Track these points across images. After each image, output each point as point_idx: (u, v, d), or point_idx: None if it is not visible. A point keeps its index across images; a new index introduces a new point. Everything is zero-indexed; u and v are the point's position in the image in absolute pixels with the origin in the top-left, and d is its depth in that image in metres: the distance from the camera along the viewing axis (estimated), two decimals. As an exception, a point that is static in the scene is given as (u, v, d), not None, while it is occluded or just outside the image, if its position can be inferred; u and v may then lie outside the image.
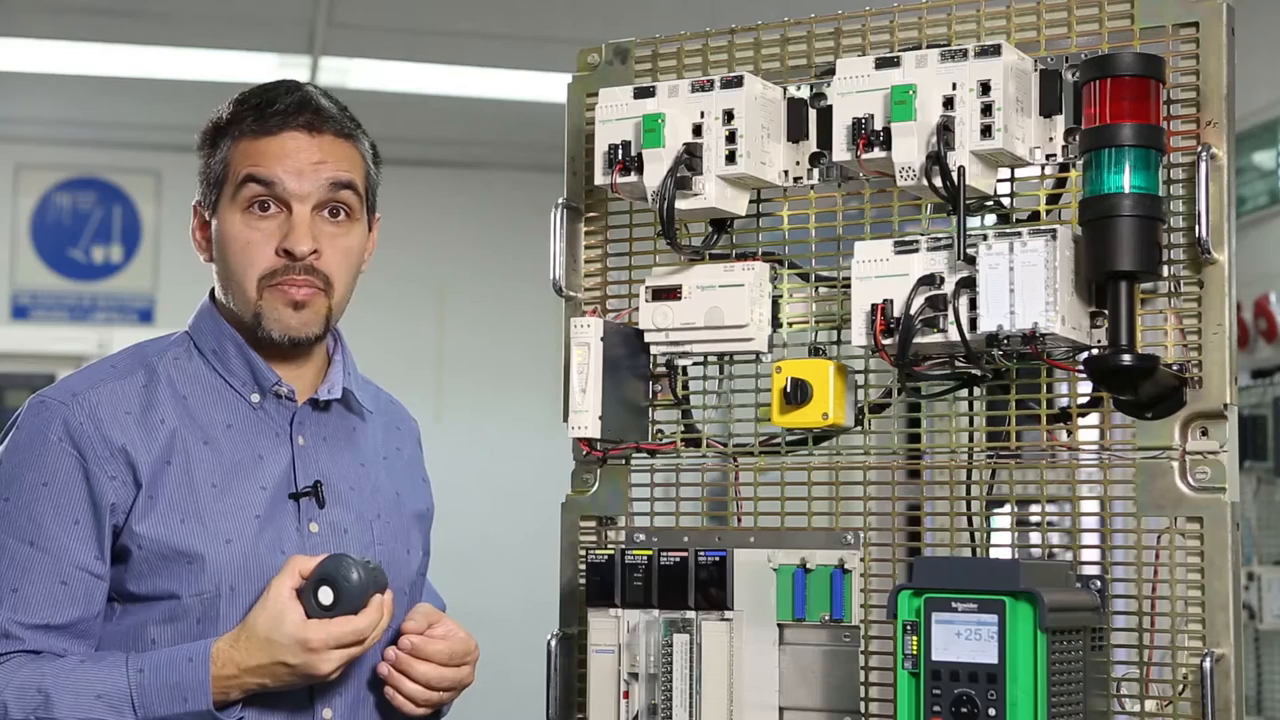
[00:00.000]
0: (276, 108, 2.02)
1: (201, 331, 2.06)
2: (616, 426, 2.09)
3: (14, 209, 7.50)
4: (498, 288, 7.37)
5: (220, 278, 2.06)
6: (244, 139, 2.02)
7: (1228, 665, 1.82)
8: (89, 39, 6.27)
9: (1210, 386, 1.86)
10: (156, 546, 1.93)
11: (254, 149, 2.01)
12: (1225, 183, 1.85)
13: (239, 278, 2.01)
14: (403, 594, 2.09)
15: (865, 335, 1.92)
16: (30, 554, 1.92)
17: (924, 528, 2.04)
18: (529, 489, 5.09)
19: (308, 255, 1.99)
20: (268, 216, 2.00)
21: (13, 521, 1.93)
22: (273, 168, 2.00)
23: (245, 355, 2.03)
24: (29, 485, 1.94)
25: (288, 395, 2.04)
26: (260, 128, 2.02)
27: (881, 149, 1.90)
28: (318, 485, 2.01)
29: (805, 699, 2.00)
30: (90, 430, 1.94)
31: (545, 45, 6.13)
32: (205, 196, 2.06)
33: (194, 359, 2.05)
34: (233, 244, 2.01)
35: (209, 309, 2.08)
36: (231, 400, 2.03)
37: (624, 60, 2.21)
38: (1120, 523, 1.92)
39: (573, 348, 2.07)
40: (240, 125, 2.03)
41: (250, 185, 2.00)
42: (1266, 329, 5.49)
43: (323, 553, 1.94)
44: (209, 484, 1.96)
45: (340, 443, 2.09)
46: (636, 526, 2.14)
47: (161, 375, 2.01)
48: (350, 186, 2.04)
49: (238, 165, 2.02)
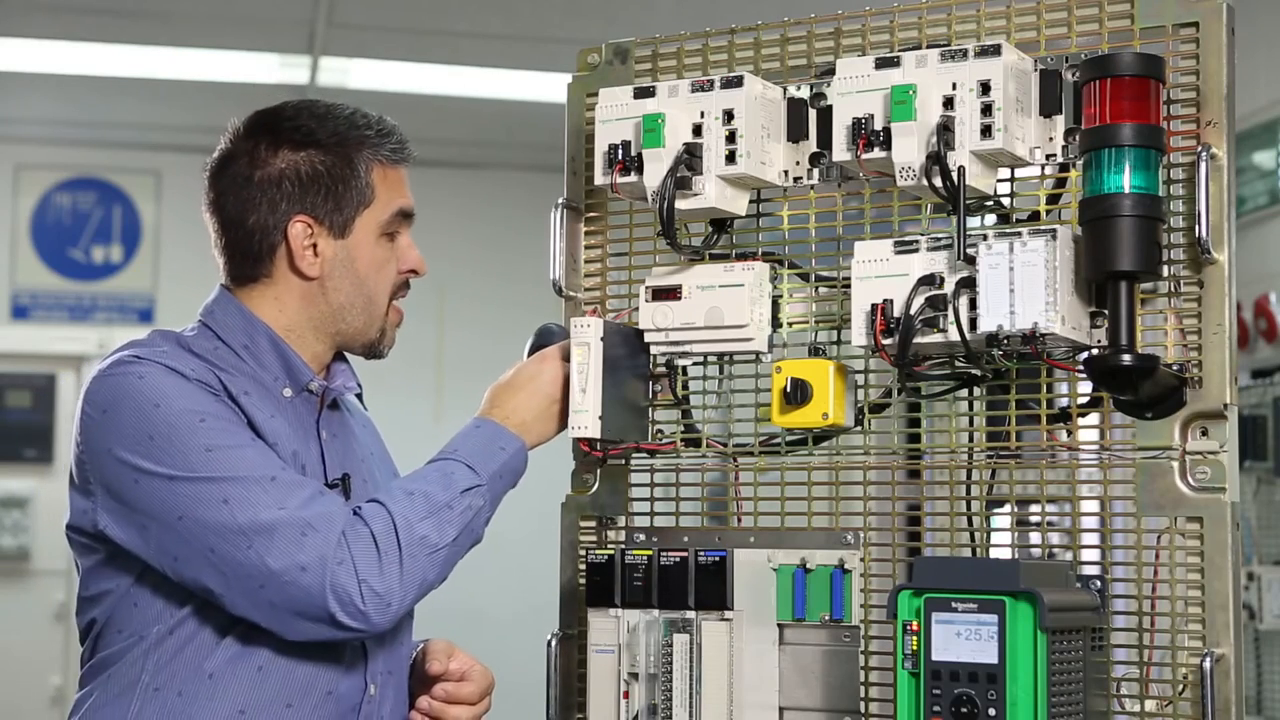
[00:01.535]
0: (398, 137, 2.10)
1: (228, 326, 2.06)
2: (616, 426, 2.09)
3: (14, 209, 7.50)
4: (498, 288, 7.37)
5: (337, 294, 2.06)
6: (384, 167, 2.08)
7: (1228, 665, 1.82)
8: (89, 39, 6.28)
9: (1210, 386, 1.86)
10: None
11: (395, 179, 2.10)
12: (1225, 183, 1.85)
13: (373, 295, 2.08)
14: None
15: (865, 335, 1.92)
16: (255, 449, 1.93)
17: (924, 528, 2.04)
18: (529, 489, 5.08)
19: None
20: (393, 242, 2.10)
21: (220, 447, 1.91)
22: (411, 201, 2.11)
23: (280, 350, 2.05)
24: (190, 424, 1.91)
25: (317, 391, 2.07)
26: (395, 157, 2.09)
27: (881, 149, 1.90)
28: (346, 478, 2.05)
29: (805, 699, 2.00)
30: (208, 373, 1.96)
31: (545, 45, 6.13)
32: (332, 215, 2.05)
33: (224, 350, 2.04)
34: (369, 264, 2.07)
35: (233, 303, 2.07)
36: (265, 393, 2.04)
37: (624, 60, 2.21)
38: (1120, 523, 1.92)
39: (573, 348, 2.07)
40: (376, 150, 2.07)
41: (401, 219, 2.10)
42: (1266, 329, 5.49)
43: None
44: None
45: (347, 438, 2.13)
46: (636, 526, 2.14)
47: (208, 359, 2.01)
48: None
49: (386, 195, 2.08)
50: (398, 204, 2.08)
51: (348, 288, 2.07)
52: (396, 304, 2.11)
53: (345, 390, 2.12)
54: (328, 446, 2.07)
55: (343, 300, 2.07)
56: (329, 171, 2.04)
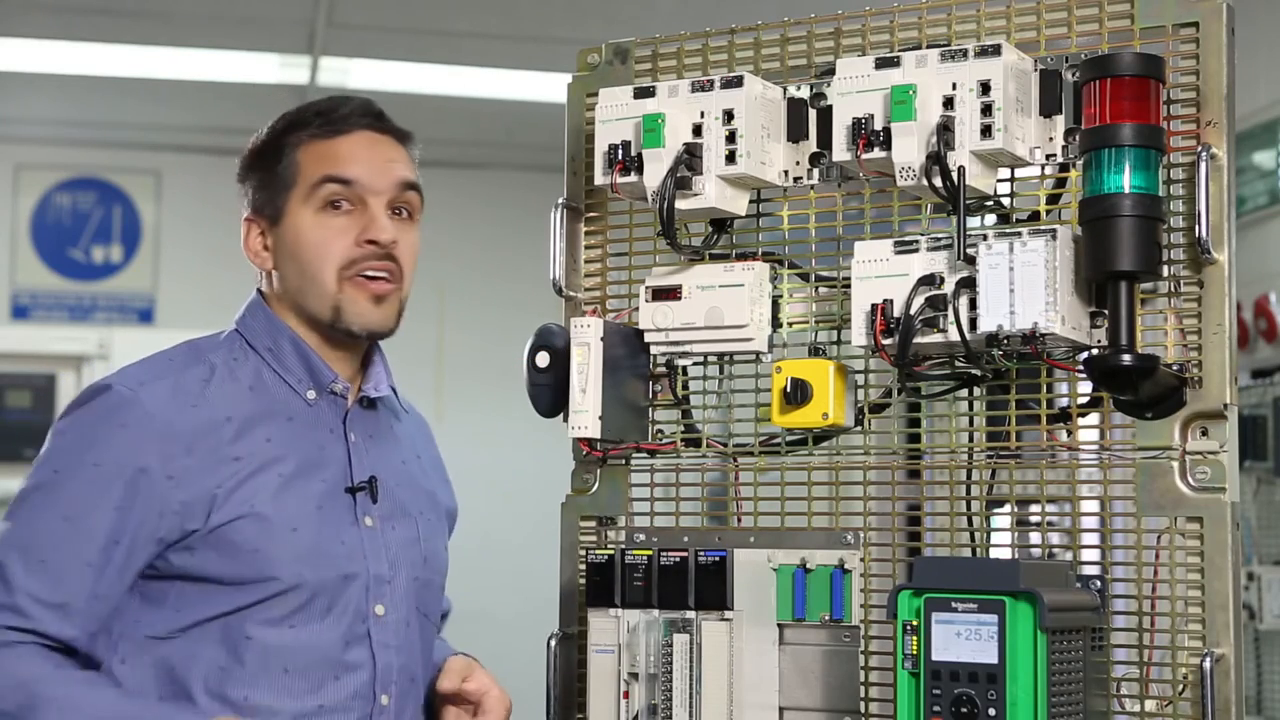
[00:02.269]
0: (342, 111, 2.08)
1: (254, 330, 2.08)
2: (616, 426, 2.09)
3: (14, 209, 7.49)
4: (498, 288, 7.37)
5: (289, 281, 2.07)
6: (314, 142, 2.07)
7: (1228, 665, 1.82)
8: (89, 39, 6.27)
9: (1210, 386, 1.86)
10: (222, 536, 1.95)
11: (326, 150, 2.06)
12: (1225, 183, 1.85)
13: (315, 272, 2.04)
14: (440, 589, 2.18)
15: (865, 335, 1.92)
16: (64, 530, 1.93)
17: (924, 528, 2.04)
18: (529, 489, 5.08)
19: (390, 243, 2.04)
20: (342, 213, 2.05)
21: (56, 494, 1.95)
22: (349, 166, 2.05)
23: (301, 352, 2.06)
24: (82, 463, 1.95)
25: (342, 393, 2.07)
26: (330, 129, 2.07)
27: (881, 149, 1.90)
28: (373, 480, 2.05)
29: (805, 699, 2.00)
30: (158, 424, 1.96)
31: (545, 45, 6.13)
32: (266, 206, 2.08)
33: (249, 356, 2.07)
34: (307, 240, 2.04)
35: (260, 307, 2.10)
36: (288, 396, 2.05)
37: (624, 60, 2.21)
38: (1120, 523, 1.92)
39: (573, 348, 2.07)
40: (305, 130, 2.07)
41: (327, 185, 2.04)
42: (1266, 329, 5.48)
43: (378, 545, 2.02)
44: (275, 473, 1.99)
45: (385, 440, 2.13)
46: (636, 526, 2.14)
47: (221, 369, 2.04)
48: (415, 187, 2.11)
49: (310, 168, 2.05)
50: (321, 172, 2.04)
51: (293, 272, 2.06)
52: (364, 278, 2.04)
53: (374, 392, 2.11)
54: (355, 449, 2.07)
55: (293, 285, 2.07)
56: (261, 164, 2.09)
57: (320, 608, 1.98)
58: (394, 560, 2.06)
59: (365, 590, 2.02)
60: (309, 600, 1.97)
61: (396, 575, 2.06)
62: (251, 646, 1.95)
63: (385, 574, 2.05)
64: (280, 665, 1.96)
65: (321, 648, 1.98)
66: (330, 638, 1.99)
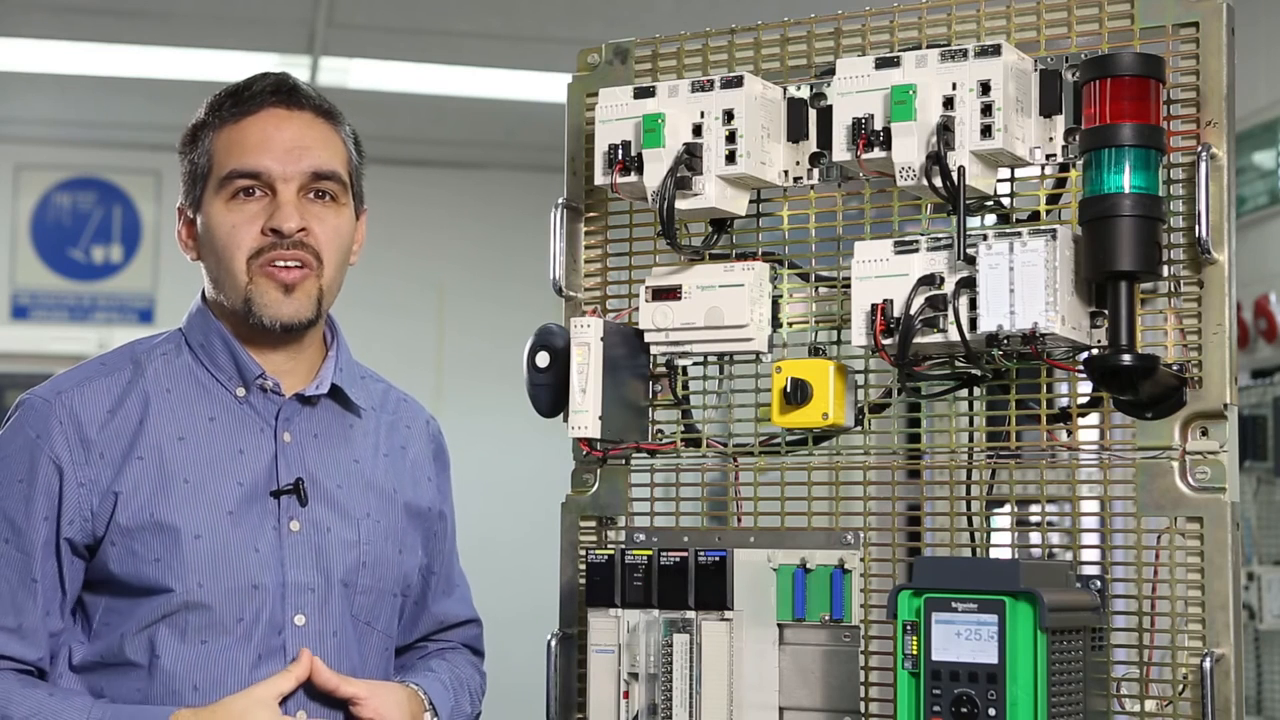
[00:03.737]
0: (252, 89, 2.04)
1: (191, 327, 2.07)
2: (616, 426, 2.09)
3: (14, 209, 7.49)
4: (498, 288, 7.37)
5: (210, 272, 2.06)
6: (224, 126, 2.03)
7: (1228, 665, 1.82)
8: (89, 39, 6.27)
9: (1210, 386, 1.86)
10: (127, 542, 1.93)
11: (235, 136, 2.02)
12: (1225, 183, 1.85)
13: (227, 263, 2.00)
14: (393, 596, 2.09)
15: (865, 335, 1.92)
16: (6, 551, 1.93)
17: (924, 528, 2.04)
18: (529, 489, 5.08)
19: (295, 232, 1.98)
20: (252, 200, 2.01)
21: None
22: (255, 157, 2.00)
23: (230, 348, 2.03)
24: (10, 480, 1.95)
25: (273, 389, 2.03)
26: (239, 110, 2.03)
27: (881, 149, 1.90)
28: (299, 483, 2.00)
29: (805, 699, 2.00)
30: (69, 431, 1.95)
31: (545, 45, 6.13)
32: (188, 195, 2.07)
33: (183, 354, 2.05)
34: (218, 231, 2.01)
35: (199, 306, 2.08)
36: (216, 394, 2.02)
37: (624, 60, 2.21)
38: (1120, 523, 1.92)
39: (573, 348, 2.07)
40: (219, 114, 2.05)
41: (235, 180, 2.00)
42: (1266, 329, 5.48)
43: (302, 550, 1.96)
44: (181, 479, 1.96)
45: (333, 439, 2.07)
46: (636, 526, 2.14)
47: (147, 371, 2.02)
48: (332, 177, 2.04)
49: (221, 158, 2.02)
50: (228, 165, 2.01)
51: (211, 261, 2.04)
52: (274, 268, 1.98)
53: (312, 390, 2.05)
54: (287, 449, 2.02)
55: (213, 276, 2.05)
56: (185, 152, 2.07)
57: (228, 620, 1.93)
58: (324, 566, 1.99)
59: (280, 599, 1.96)
60: (214, 612, 1.93)
61: (325, 582, 1.99)
62: (160, 666, 1.92)
63: (309, 581, 1.98)
64: (189, 683, 1.92)
65: (230, 663, 1.93)
66: (241, 653, 1.94)
